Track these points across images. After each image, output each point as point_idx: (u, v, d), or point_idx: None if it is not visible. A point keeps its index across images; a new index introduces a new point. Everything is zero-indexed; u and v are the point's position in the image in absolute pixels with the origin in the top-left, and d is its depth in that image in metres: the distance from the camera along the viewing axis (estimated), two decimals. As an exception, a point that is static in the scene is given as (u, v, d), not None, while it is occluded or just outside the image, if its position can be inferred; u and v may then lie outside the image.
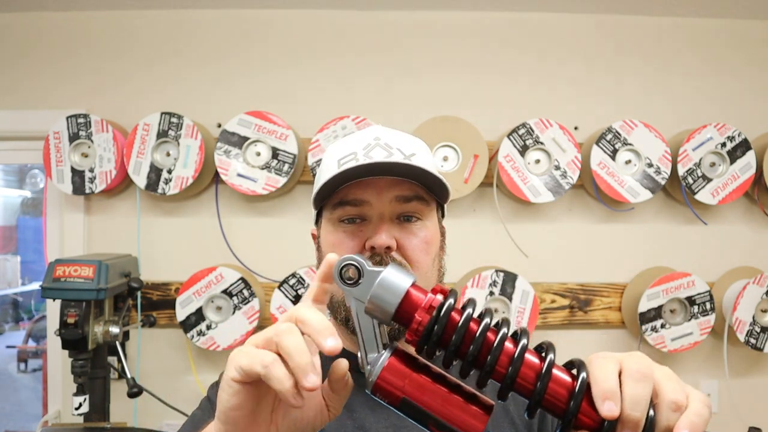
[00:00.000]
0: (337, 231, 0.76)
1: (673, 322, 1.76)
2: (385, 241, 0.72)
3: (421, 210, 0.77)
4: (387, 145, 0.76)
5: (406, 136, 0.81)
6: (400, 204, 0.75)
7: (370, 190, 0.74)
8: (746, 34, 1.93)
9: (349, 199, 0.75)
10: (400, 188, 0.75)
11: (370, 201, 0.74)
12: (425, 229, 0.77)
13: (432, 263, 0.77)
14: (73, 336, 1.46)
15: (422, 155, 0.78)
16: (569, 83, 1.90)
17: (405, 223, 0.76)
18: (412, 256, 0.75)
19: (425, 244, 0.76)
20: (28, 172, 5.51)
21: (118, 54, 1.87)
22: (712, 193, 1.76)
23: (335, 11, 1.88)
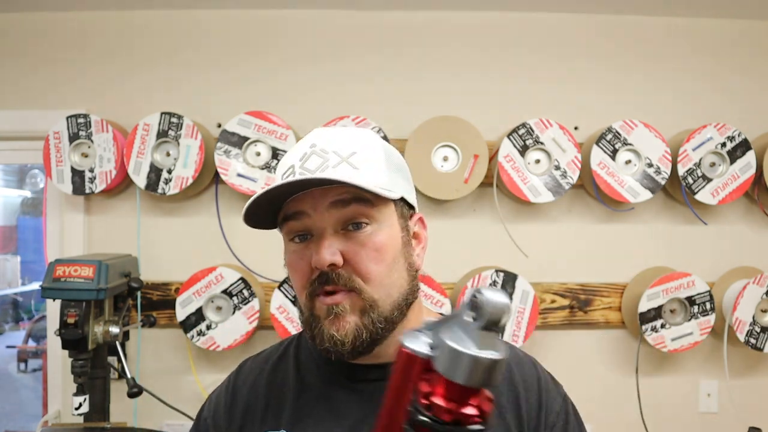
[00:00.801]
0: (289, 251, 0.74)
1: (673, 322, 1.76)
2: (327, 258, 0.68)
3: (365, 212, 0.70)
4: (322, 151, 0.72)
5: (347, 134, 0.75)
6: (339, 209, 0.70)
7: (306, 199, 0.71)
8: (746, 34, 1.93)
9: (290, 213, 0.72)
10: (336, 192, 0.70)
11: (307, 211, 0.71)
12: (375, 233, 0.71)
13: (389, 269, 0.71)
14: (73, 336, 1.46)
15: (363, 152, 0.72)
16: (569, 83, 1.90)
17: (353, 233, 0.70)
18: (361, 268, 0.69)
19: (375, 252, 0.70)
20: (28, 172, 5.51)
21: (118, 54, 1.87)
22: (712, 193, 1.76)
23: (335, 11, 1.88)
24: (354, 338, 0.69)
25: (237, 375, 0.85)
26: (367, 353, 0.72)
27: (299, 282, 0.73)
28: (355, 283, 0.69)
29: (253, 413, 0.79)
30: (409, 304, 0.75)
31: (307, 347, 0.82)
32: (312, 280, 0.71)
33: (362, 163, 0.71)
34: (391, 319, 0.72)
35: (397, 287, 0.73)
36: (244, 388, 0.82)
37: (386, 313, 0.71)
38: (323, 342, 0.70)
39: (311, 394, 0.77)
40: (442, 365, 0.45)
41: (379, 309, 0.70)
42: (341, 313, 0.69)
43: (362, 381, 0.76)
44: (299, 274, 0.72)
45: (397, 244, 0.73)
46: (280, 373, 0.81)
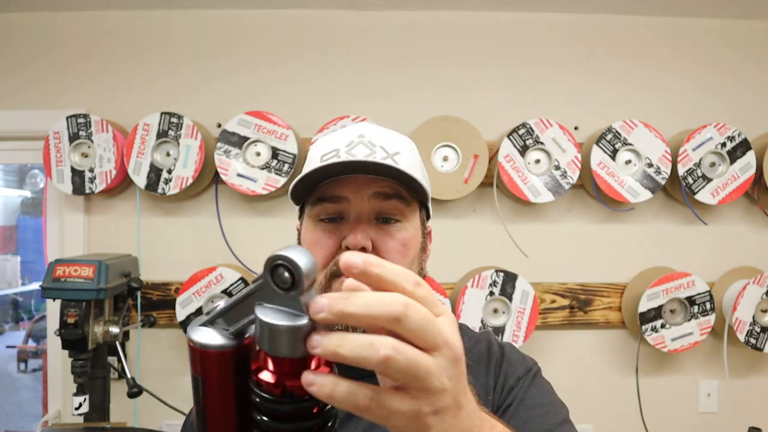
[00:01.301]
0: (316, 229, 0.75)
1: (673, 322, 1.76)
2: (360, 241, 0.70)
3: (400, 209, 0.75)
4: (370, 143, 0.75)
5: (392, 134, 0.79)
6: (379, 201, 0.73)
7: (348, 186, 0.73)
8: (746, 34, 1.93)
9: (327, 195, 0.74)
10: (379, 185, 0.73)
11: (348, 197, 0.73)
12: (404, 231, 0.75)
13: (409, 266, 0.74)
14: (73, 336, 1.46)
15: (406, 154, 0.76)
16: (569, 83, 1.90)
17: (384, 225, 0.74)
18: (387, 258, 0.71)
19: (402, 247, 0.74)
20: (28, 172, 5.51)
21: (119, 54, 1.87)
22: (712, 193, 1.76)
23: (335, 11, 1.88)
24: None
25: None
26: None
27: (321, 260, 0.73)
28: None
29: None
30: None
31: None
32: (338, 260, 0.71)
33: (405, 164, 0.73)
34: None
35: None
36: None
37: None
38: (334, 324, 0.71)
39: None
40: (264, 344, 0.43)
41: None
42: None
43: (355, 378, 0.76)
44: (324, 251, 0.73)
45: (417, 246, 0.77)
46: None
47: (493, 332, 1.72)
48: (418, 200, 0.78)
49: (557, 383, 0.84)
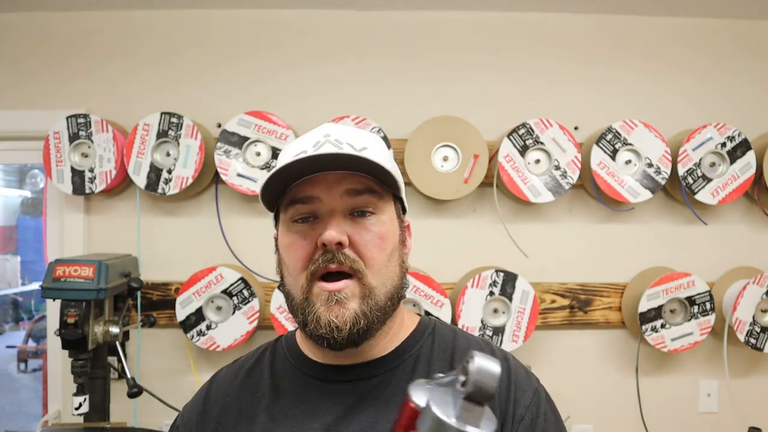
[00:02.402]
0: (290, 232, 0.74)
1: (673, 322, 1.76)
2: (335, 236, 0.69)
3: (374, 203, 0.74)
4: (337, 141, 0.74)
5: (358, 131, 0.78)
6: (351, 198, 0.72)
7: (319, 185, 0.72)
8: (747, 34, 1.93)
9: (299, 197, 0.73)
10: (350, 181, 0.72)
11: (319, 197, 0.72)
12: (380, 223, 0.74)
13: (388, 259, 0.74)
14: (73, 336, 1.46)
15: (374, 149, 0.75)
16: (569, 83, 1.90)
17: (358, 218, 0.73)
18: (365, 252, 0.72)
19: (379, 239, 0.73)
20: (28, 172, 5.51)
21: (118, 54, 1.87)
22: (712, 193, 1.76)
23: (335, 11, 1.88)
24: (352, 325, 0.70)
25: (210, 384, 0.85)
26: (358, 344, 0.72)
27: (299, 262, 0.73)
28: (358, 265, 0.71)
29: (226, 419, 0.79)
30: (399, 299, 0.76)
31: (283, 353, 0.83)
32: (315, 258, 0.71)
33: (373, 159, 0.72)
34: (384, 309, 0.73)
35: (391, 279, 0.74)
36: (217, 395, 0.82)
37: (381, 302, 0.72)
38: (319, 328, 0.70)
39: (286, 398, 0.77)
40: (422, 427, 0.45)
41: (376, 297, 0.72)
42: (343, 300, 0.70)
43: (337, 382, 0.76)
44: (301, 253, 0.73)
45: (395, 238, 0.76)
46: (253, 379, 0.81)
47: (494, 333, 1.72)
48: (391, 193, 0.77)
49: (557, 383, 0.84)
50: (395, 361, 0.77)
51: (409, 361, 0.78)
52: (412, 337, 0.80)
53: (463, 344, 0.80)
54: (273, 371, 0.81)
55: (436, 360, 0.78)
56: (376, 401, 0.74)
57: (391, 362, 0.77)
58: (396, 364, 0.77)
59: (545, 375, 0.83)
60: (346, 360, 0.76)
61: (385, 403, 0.74)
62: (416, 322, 0.83)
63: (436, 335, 0.81)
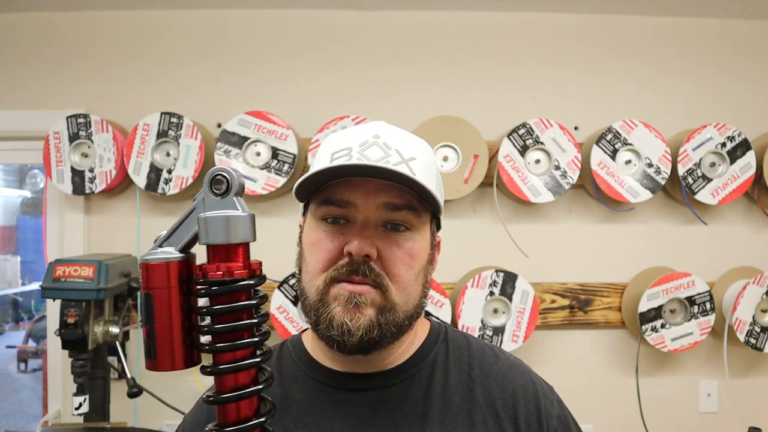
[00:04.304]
0: (318, 229, 0.71)
1: (673, 322, 1.76)
2: (363, 248, 0.66)
3: (410, 220, 0.70)
4: (385, 145, 0.70)
5: (409, 137, 0.75)
6: (389, 212, 0.69)
7: (357, 191, 0.69)
8: (746, 34, 1.93)
9: (334, 198, 0.70)
10: (391, 194, 0.69)
11: (356, 203, 0.69)
12: (412, 240, 0.71)
13: (415, 278, 0.71)
14: (73, 336, 1.46)
15: (422, 160, 0.72)
16: (569, 83, 1.90)
17: (391, 232, 0.70)
18: (392, 268, 0.69)
19: (409, 258, 0.70)
20: (28, 172, 5.50)
21: (119, 54, 1.87)
22: (712, 193, 1.76)
23: (336, 11, 1.88)
24: (365, 332, 0.67)
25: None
26: (366, 352, 0.70)
27: (322, 263, 0.70)
28: (383, 280, 0.68)
29: None
30: (416, 317, 0.74)
31: (291, 358, 0.80)
32: (339, 265, 0.68)
33: (420, 172, 0.70)
34: (401, 327, 0.71)
35: (414, 298, 0.72)
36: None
37: (399, 319, 0.70)
38: (331, 328, 0.68)
39: (296, 407, 0.75)
40: (202, 237, 0.55)
41: (395, 313, 0.69)
42: (361, 304, 0.67)
43: (351, 390, 0.74)
44: (325, 255, 0.69)
45: (425, 257, 0.74)
46: None
47: (494, 333, 1.72)
48: (429, 211, 0.74)
49: (557, 383, 0.84)
50: (411, 369, 0.76)
51: (425, 370, 0.76)
52: (426, 344, 0.79)
53: (478, 351, 0.80)
54: (282, 378, 0.78)
55: (453, 368, 0.77)
56: (394, 412, 0.72)
57: (407, 371, 0.76)
58: (412, 373, 0.76)
59: (545, 375, 0.83)
60: (361, 368, 0.74)
61: (403, 413, 0.72)
62: (428, 328, 0.82)
63: (450, 342, 0.80)
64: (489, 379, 0.76)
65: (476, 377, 0.76)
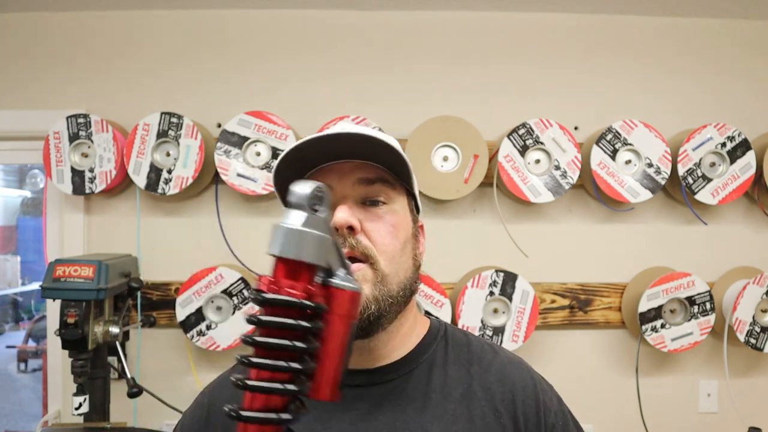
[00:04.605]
0: None
1: (673, 322, 1.76)
2: (346, 218, 0.69)
3: (386, 193, 0.74)
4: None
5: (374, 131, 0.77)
6: (364, 186, 0.73)
7: (332, 174, 0.73)
8: (746, 34, 1.93)
9: None
10: (363, 171, 0.73)
11: (332, 185, 0.72)
12: (392, 212, 0.74)
13: (401, 248, 0.73)
14: (73, 336, 1.46)
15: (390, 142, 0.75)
16: (569, 83, 1.90)
17: (371, 207, 0.73)
18: (377, 238, 0.71)
19: (392, 227, 0.73)
20: (28, 172, 5.51)
21: (119, 54, 1.87)
22: (712, 193, 1.76)
23: (336, 11, 1.88)
24: (363, 309, 0.68)
25: (212, 390, 0.83)
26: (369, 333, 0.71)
27: None
28: (370, 251, 0.70)
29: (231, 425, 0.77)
30: (411, 293, 0.76)
31: None
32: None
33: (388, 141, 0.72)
34: (397, 299, 0.72)
35: (404, 270, 0.74)
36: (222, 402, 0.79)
37: (393, 291, 0.71)
38: None
39: None
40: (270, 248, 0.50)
41: (388, 284, 0.71)
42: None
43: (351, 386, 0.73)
44: None
45: (408, 230, 0.76)
46: None
47: (494, 333, 1.72)
48: (404, 187, 0.77)
49: (557, 383, 0.84)
50: (410, 365, 0.76)
51: (424, 365, 0.77)
52: (425, 340, 0.79)
53: (478, 348, 0.80)
54: None
55: (452, 364, 0.78)
56: (393, 406, 0.73)
57: (406, 366, 0.76)
58: (411, 368, 0.76)
59: (545, 375, 0.83)
60: (360, 363, 0.75)
61: (402, 408, 0.73)
62: (427, 326, 0.82)
63: (449, 338, 0.81)
64: (488, 375, 0.77)
65: (475, 373, 0.77)
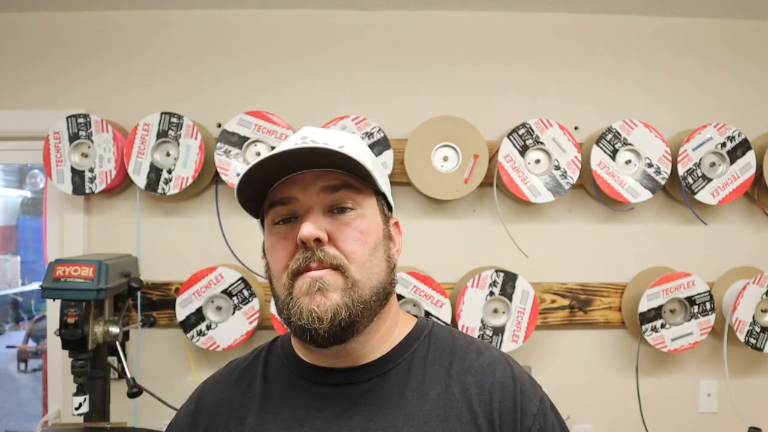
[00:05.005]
0: (272, 234, 0.74)
1: (673, 322, 1.76)
2: (312, 231, 0.69)
3: (352, 198, 0.73)
4: (313, 142, 0.74)
5: (336, 132, 0.79)
6: (328, 194, 0.72)
7: (296, 185, 0.72)
8: (746, 34, 1.93)
9: (277, 198, 0.73)
10: (326, 179, 0.72)
11: (296, 197, 0.72)
12: (359, 217, 0.73)
13: (371, 253, 0.73)
14: (73, 336, 1.46)
15: (351, 147, 0.74)
16: (569, 83, 1.90)
17: (338, 215, 0.72)
18: (345, 247, 0.71)
19: (360, 233, 0.72)
20: (28, 172, 5.51)
21: (119, 54, 1.87)
22: (712, 193, 1.76)
23: (336, 11, 1.88)
24: (333, 315, 0.69)
25: (204, 385, 0.85)
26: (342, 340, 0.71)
27: (281, 261, 0.73)
28: (339, 261, 0.70)
29: (216, 418, 0.79)
30: (386, 295, 0.75)
31: (277, 353, 0.83)
32: (297, 258, 0.71)
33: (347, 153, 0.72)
34: (370, 304, 0.72)
35: (377, 274, 0.73)
36: (210, 395, 0.82)
37: (365, 296, 0.71)
38: (301, 318, 0.70)
39: (277, 401, 0.77)
40: None
41: (359, 290, 0.71)
42: (324, 287, 0.69)
43: (329, 385, 0.76)
44: (283, 253, 0.72)
45: (378, 233, 0.76)
46: (246, 379, 0.81)
47: (494, 333, 1.72)
48: (371, 189, 0.77)
49: (557, 383, 0.84)
50: (388, 364, 0.76)
51: (403, 365, 0.76)
52: (406, 340, 0.79)
53: (462, 348, 0.79)
54: (266, 372, 0.81)
55: (432, 364, 0.77)
56: (368, 406, 0.73)
57: (384, 366, 0.76)
58: (389, 368, 0.76)
59: (545, 375, 0.83)
60: (339, 363, 0.76)
61: (377, 408, 0.73)
62: (412, 325, 0.82)
63: (433, 338, 0.80)
64: (468, 375, 0.76)
65: (455, 373, 0.76)
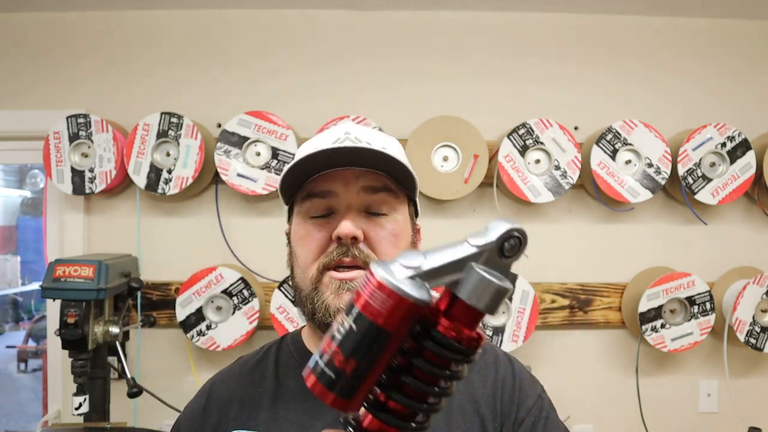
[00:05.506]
0: (306, 223, 0.75)
1: (673, 322, 1.76)
2: (350, 230, 0.70)
3: (389, 202, 0.75)
4: (356, 139, 0.75)
5: (377, 132, 0.80)
6: (368, 195, 0.74)
7: (337, 181, 0.73)
8: (746, 34, 1.93)
9: (316, 190, 0.74)
10: (368, 179, 0.74)
11: (336, 192, 0.73)
12: (394, 222, 0.75)
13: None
14: (73, 336, 1.46)
15: (392, 149, 0.76)
16: (569, 83, 1.90)
17: (373, 217, 0.74)
18: (379, 248, 0.73)
19: (393, 237, 0.74)
20: (28, 172, 5.51)
21: (119, 54, 1.87)
22: (712, 193, 1.76)
23: (335, 11, 1.88)
24: None
25: (213, 381, 0.86)
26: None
27: (313, 253, 0.74)
28: (371, 260, 0.72)
29: (227, 411, 0.79)
30: None
31: (289, 350, 0.83)
32: (330, 251, 0.72)
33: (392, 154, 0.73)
34: None
35: None
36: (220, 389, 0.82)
37: None
38: (327, 316, 0.71)
39: (289, 396, 0.77)
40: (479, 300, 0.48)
41: None
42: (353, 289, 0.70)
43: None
44: (314, 245, 0.74)
45: (408, 238, 0.77)
46: (257, 374, 0.81)
47: (494, 333, 1.72)
48: (406, 194, 0.79)
49: (557, 383, 0.84)
50: None
51: None
52: None
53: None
54: (277, 368, 0.81)
55: None
56: None
57: None
58: None
59: (545, 375, 0.83)
60: None
61: None
62: None
63: None
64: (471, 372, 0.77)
65: None
